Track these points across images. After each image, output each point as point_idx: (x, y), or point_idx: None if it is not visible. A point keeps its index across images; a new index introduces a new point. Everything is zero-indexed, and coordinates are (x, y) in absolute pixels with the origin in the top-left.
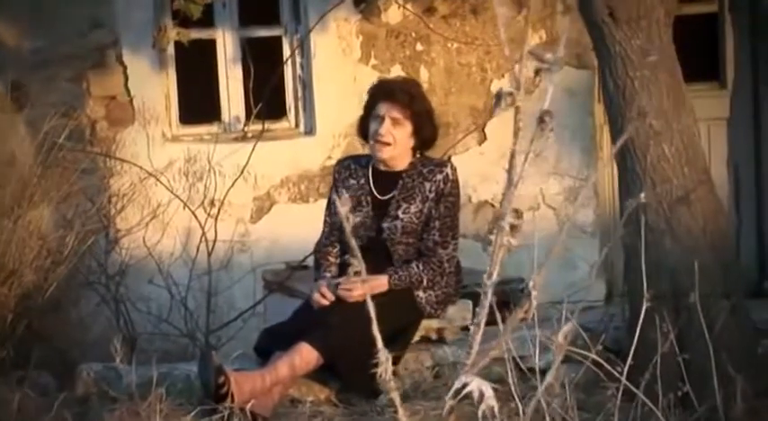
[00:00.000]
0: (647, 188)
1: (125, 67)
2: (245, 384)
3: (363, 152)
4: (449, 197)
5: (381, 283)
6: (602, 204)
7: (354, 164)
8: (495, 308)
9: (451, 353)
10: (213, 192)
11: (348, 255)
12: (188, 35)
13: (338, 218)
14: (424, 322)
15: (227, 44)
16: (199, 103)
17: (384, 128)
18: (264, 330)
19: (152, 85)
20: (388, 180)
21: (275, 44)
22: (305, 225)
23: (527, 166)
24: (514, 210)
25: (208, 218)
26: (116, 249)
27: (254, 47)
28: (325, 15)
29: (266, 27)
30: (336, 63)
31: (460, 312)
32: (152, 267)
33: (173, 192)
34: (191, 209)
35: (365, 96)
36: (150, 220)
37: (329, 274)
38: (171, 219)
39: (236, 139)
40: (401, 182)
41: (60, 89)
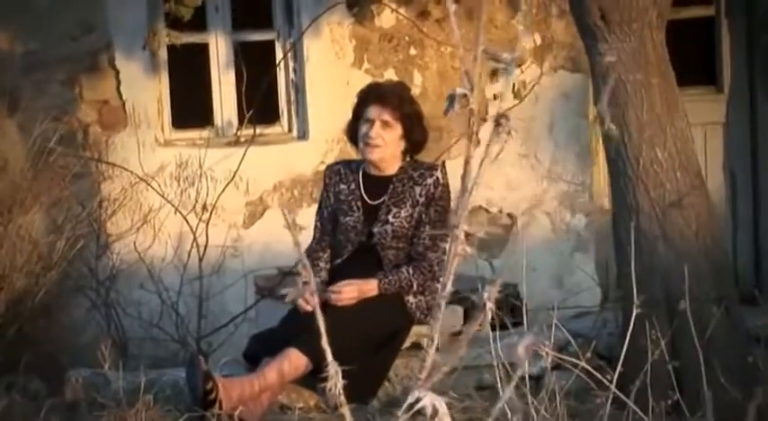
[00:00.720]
0: (639, 193)
1: (117, 71)
2: (233, 390)
3: (356, 157)
4: (439, 201)
5: (371, 288)
6: (597, 209)
7: (345, 168)
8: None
9: (442, 360)
10: (205, 197)
11: (338, 259)
12: (179, 38)
13: (328, 222)
14: (415, 328)
15: (219, 48)
16: (192, 107)
17: (374, 130)
18: (253, 336)
19: (145, 89)
20: (378, 184)
21: (268, 48)
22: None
23: (524, 171)
24: (508, 215)
25: (199, 222)
26: (107, 254)
27: (247, 51)
28: (318, 19)
29: (259, 31)
30: (329, 67)
31: (451, 318)
32: (143, 272)
33: (164, 197)
34: (182, 213)
35: (355, 99)
36: (141, 225)
37: (319, 279)
38: (162, 224)
39: (228, 144)
40: (391, 186)
41: (52, 93)
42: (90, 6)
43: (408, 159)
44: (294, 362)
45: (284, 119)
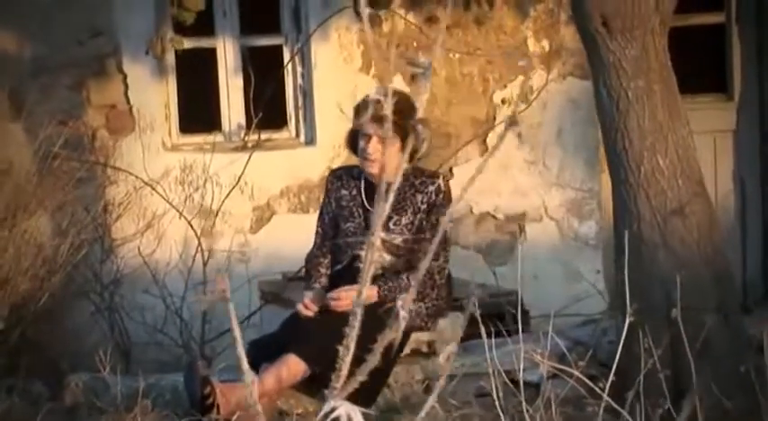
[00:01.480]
0: (641, 200)
1: (125, 76)
2: (231, 395)
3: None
4: (440, 208)
5: (371, 294)
6: (605, 216)
7: (346, 175)
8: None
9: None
10: (211, 202)
11: (339, 265)
12: (182, 43)
13: (329, 228)
14: (415, 335)
15: (227, 53)
16: (199, 111)
17: (371, 146)
18: (252, 342)
19: (152, 93)
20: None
21: (276, 53)
22: (305, 235)
23: (532, 177)
24: (516, 222)
25: (204, 227)
26: (111, 258)
27: (255, 56)
28: (324, 23)
29: (267, 36)
30: (337, 72)
31: (451, 325)
32: (147, 277)
33: (168, 202)
34: (186, 218)
35: (352, 113)
36: (146, 230)
37: (319, 285)
38: (167, 228)
39: (235, 149)
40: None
41: (60, 97)
42: (97, 11)
43: (410, 167)
44: (292, 367)
45: (292, 124)
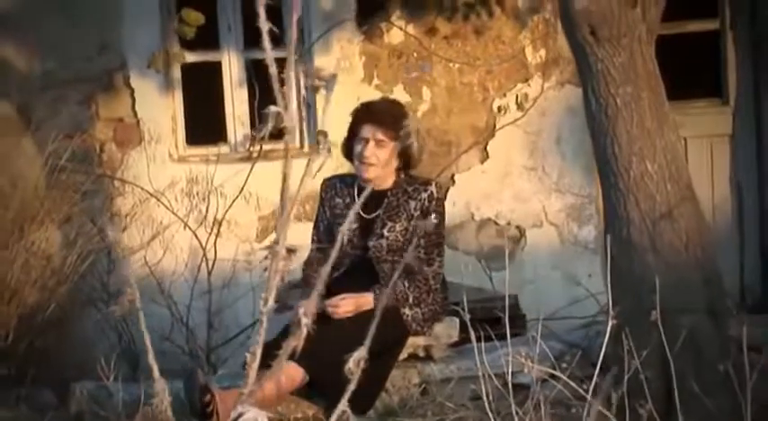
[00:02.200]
0: (630, 205)
1: (132, 90)
2: (230, 401)
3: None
4: (434, 215)
5: (367, 301)
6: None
7: (340, 183)
8: (480, 325)
9: (439, 371)
10: (216, 212)
11: (335, 272)
12: (183, 57)
13: (324, 235)
14: (412, 339)
15: (232, 66)
16: (205, 124)
17: (368, 150)
18: None
19: (159, 106)
20: (373, 199)
21: (280, 65)
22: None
23: (532, 183)
24: (516, 227)
25: (209, 237)
26: (118, 268)
27: (259, 68)
28: (326, 35)
29: (271, 49)
30: (340, 84)
31: (447, 329)
32: (154, 286)
33: (174, 213)
34: (191, 228)
35: (350, 118)
36: (151, 240)
37: (315, 292)
38: (174, 238)
39: (241, 160)
40: (386, 200)
41: (69, 112)
42: (105, 27)
43: (403, 175)
44: (290, 373)
45: (296, 135)
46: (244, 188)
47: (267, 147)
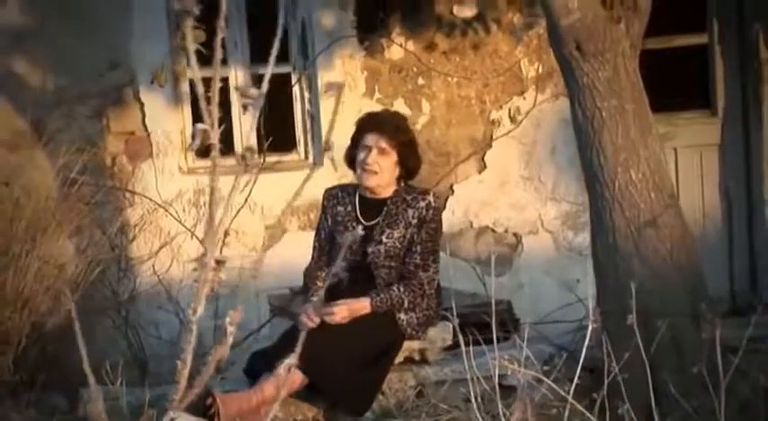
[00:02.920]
0: (615, 213)
1: (142, 104)
2: (231, 405)
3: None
4: (431, 223)
5: (364, 306)
6: None
7: (342, 192)
8: (476, 329)
9: (433, 373)
10: (220, 222)
11: (334, 279)
12: (185, 72)
13: (326, 242)
14: (407, 343)
15: (239, 81)
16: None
17: (371, 157)
18: (253, 353)
19: (168, 120)
20: (373, 207)
21: (285, 80)
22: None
23: (529, 192)
24: (513, 235)
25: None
26: (128, 276)
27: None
28: (328, 51)
29: (276, 64)
30: (343, 98)
31: (441, 333)
32: (163, 294)
33: (181, 223)
34: (198, 238)
35: (354, 127)
36: (160, 249)
37: (317, 298)
38: (182, 248)
39: (246, 171)
40: (386, 208)
41: (81, 126)
42: (115, 45)
43: (402, 184)
44: (290, 377)
45: (300, 147)
46: (248, 198)
47: (273, 159)
